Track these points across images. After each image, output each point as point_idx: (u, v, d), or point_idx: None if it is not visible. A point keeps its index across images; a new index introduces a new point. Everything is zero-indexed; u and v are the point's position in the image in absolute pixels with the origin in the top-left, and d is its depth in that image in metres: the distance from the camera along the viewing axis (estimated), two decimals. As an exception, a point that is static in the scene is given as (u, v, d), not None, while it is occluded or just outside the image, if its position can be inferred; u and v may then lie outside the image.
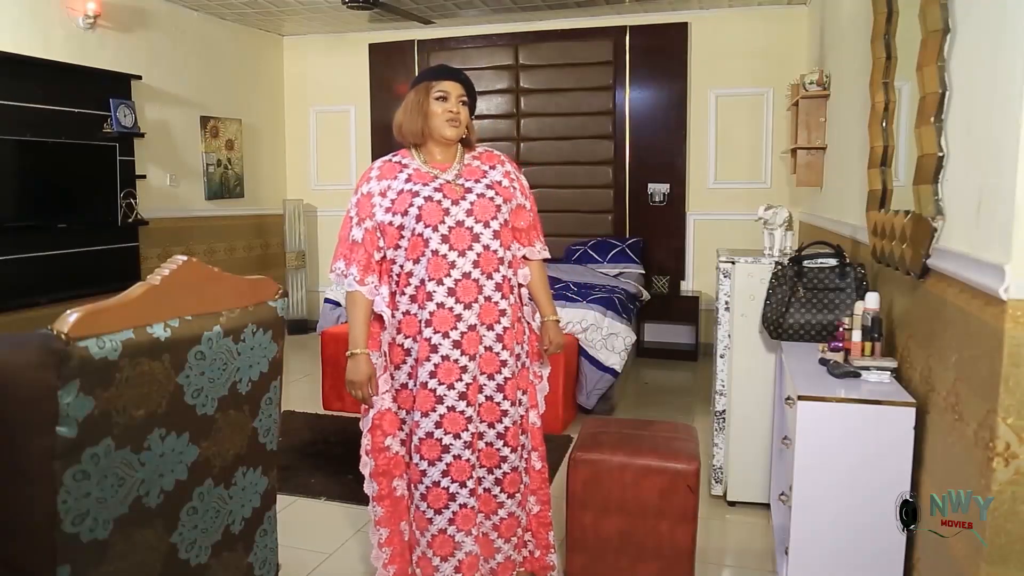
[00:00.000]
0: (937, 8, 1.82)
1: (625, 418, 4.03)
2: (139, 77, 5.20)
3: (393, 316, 2.21)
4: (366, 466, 2.30)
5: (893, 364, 2.18)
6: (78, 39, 4.81)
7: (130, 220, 5.10)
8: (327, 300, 4.80)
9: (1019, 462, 1.46)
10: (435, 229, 2.15)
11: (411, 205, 2.16)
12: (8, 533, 1.22)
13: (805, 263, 2.71)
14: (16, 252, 4.43)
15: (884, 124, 2.42)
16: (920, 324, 2.09)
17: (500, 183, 2.25)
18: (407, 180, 2.21)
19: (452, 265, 2.15)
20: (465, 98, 2.23)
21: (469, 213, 2.17)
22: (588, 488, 2.39)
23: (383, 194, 2.21)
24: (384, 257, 2.22)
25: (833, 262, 2.68)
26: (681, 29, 5.85)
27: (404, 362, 2.21)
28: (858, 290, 2.58)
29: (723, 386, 3.09)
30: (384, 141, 6.63)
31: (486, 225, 2.18)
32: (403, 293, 2.20)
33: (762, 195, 5.31)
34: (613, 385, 4.33)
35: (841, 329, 2.43)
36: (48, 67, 4.55)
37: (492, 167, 2.29)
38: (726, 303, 3.03)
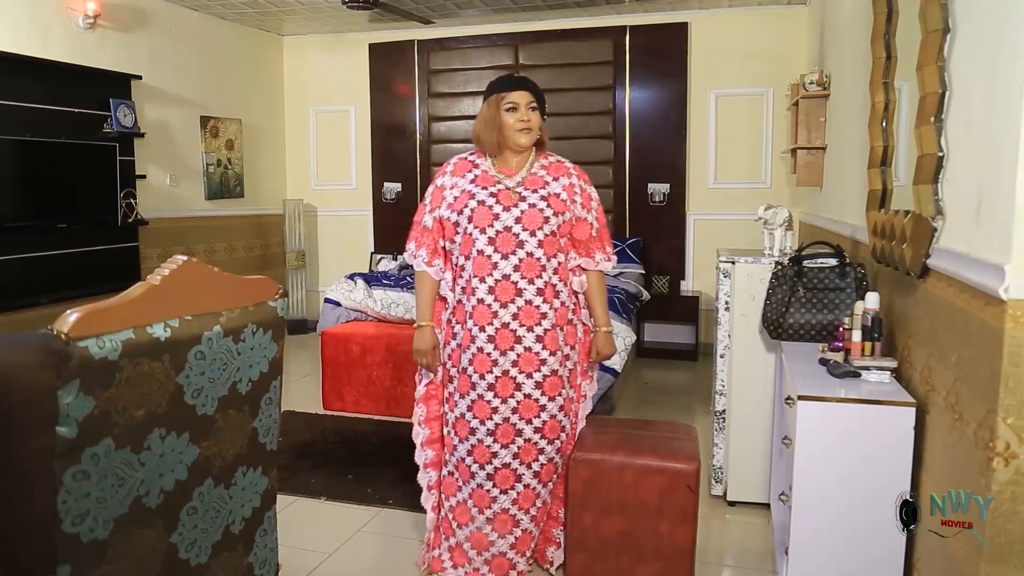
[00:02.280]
0: (937, 8, 1.82)
1: (625, 418, 4.03)
2: (139, 77, 5.20)
3: (456, 299, 2.45)
4: (419, 436, 2.56)
5: (893, 364, 2.18)
6: (78, 39, 4.81)
7: (130, 220, 5.10)
8: (327, 300, 4.79)
9: (1019, 462, 1.46)
10: (483, 231, 2.35)
11: (466, 206, 2.38)
12: (8, 533, 1.22)
13: (805, 263, 2.71)
14: (16, 252, 4.43)
15: (884, 124, 2.42)
16: (920, 324, 2.09)
17: (558, 195, 2.40)
18: (472, 181, 2.41)
19: (494, 266, 2.34)
20: (534, 104, 2.40)
21: (518, 220, 2.34)
22: (588, 488, 2.39)
23: (452, 188, 2.44)
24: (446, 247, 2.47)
25: (833, 262, 2.68)
26: (681, 29, 5.85)
27: (448, 344, 2.47)
28: (858, 290, 2.58)
29: (723, 386, 3.09)
30: (384, 141, 6.64)
31: (532, 234, 2.35)
32: (457, 283, 2.45)
33: (762, 195, 5.30)
34: (613, 385, 4.32)
35: (841, 329, 2.43)
36: (48, 67, 4.55)
37: (556, 178, 2.43)
38: (726, 303, 3.03)
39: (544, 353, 2.36)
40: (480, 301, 2.36)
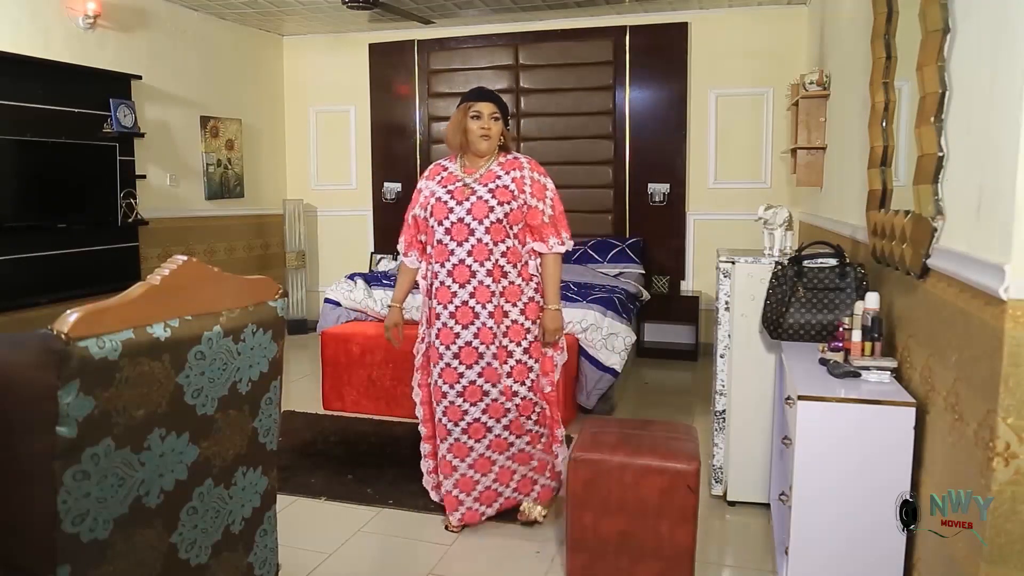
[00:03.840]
0: (937, 8, 1.82)
1: (625, 418, 4.03)
2: (139, 77, 5.20)
3: (428, 283, 2.83)
4: (417, 395, 2.97)
5: (893, 364, 2.18)
6: (78, 39, 4.81)
7: (130, 220, 5.10)
8: (327, 300, 4.79)
9: (1019, 462, 1.46)
10: (440, 223, 2.74)
11: (428, 203, 2.77)
12: (8, 533, 1.22)
13: (805, 263, 2.71)
14: (16, 252, 4.43)
15: (884, 124, 2.42)
16: (920, 324, 2.09)
17: (506, 187, 2.74)
18: (439, 182, 2.81)
19: (451, 252, 2.72)
20: (497, 114, 2.76)
21: (468, 212, 2.71)
22: (588, 488, 2.39)
23: (424, 190, 2.83)
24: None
25: (833, 262, 2.68)
26: (681, 29, 5.85)
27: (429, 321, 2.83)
28: (858, 290, 2.58)
29: (723, 386, 3.09)
30: (384, 141, 6.64)
31: (480, 222, 2.71)
32: (429, 269, 2.82)
33: (762, 195, 5.30)
34: (613, 385, 4.33)
35: (841, 329, 2.43)
36: (48, 67, 4.55)
37: (507, 172, 2.77)
38: (726, 303, 3.03)
39: (496, 328, 2.73)
40: (442, 284, 2.75)
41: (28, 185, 4.44)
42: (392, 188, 6.62)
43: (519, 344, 2.79)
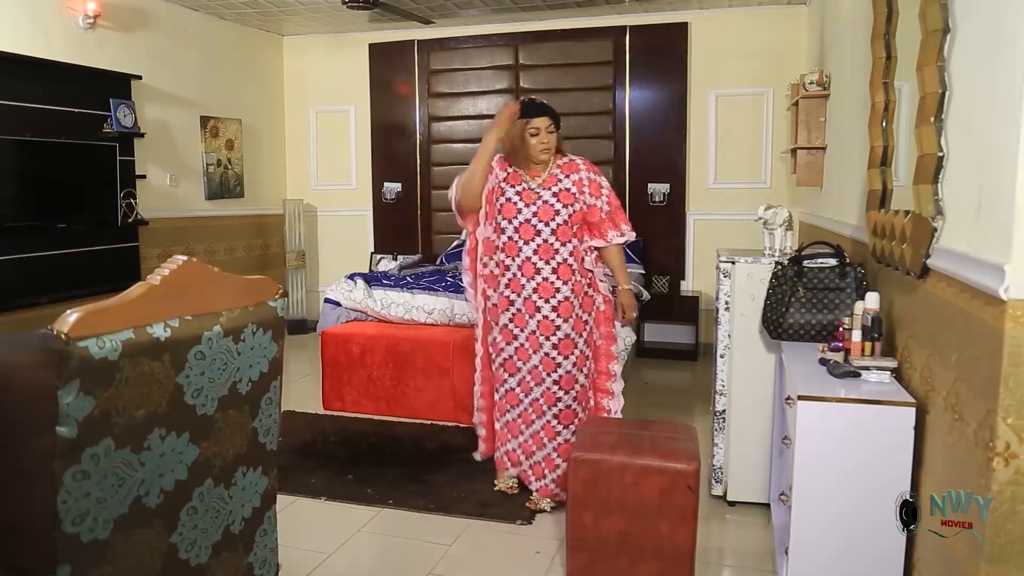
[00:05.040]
0: (937, 8, 1.82)
1: (625, 418, 4.03)
2: (139, 77, 5.20)
3: (500, 271, 3.09)
4: (478, 340, 3.25)
5: (893, 364, 2.18)
6: (78, 39, 4.81)
7: (130, 220, 5.10)
8: (327, 300, 4.79)
9: (1019, 462, 1.46)
10: (510, 222, 3.02)
11: (498, 200, 3.06)
12: (8, 533, 1.22)
13: (805, 263, 2.71)
14: (16, 252, 4.43)
15: (884, 124, 2.42)
16: (920, 324, 2.09)
17: (568, 190, 3.01)
18: (506, 179, 3.07)
19: (519, 250, 3.01)
20: (552, 127, 3.03)
21: (535, 214, 3.00)
22: (588, 488, 2.39)
23: (495, 178, 3.08)
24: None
25: (833, 262, 2.68)
26: (681, 29, 5.85)
27: (496, 288, 3.10)
28: (858, 290, 2.58)
29: (723, 386, 3.09)
30: (384, 141, 6.64)
31: (546, 224, 2.99)
32: (494, 257, 3.09)
33: (762, 195, 5.30)
34: (613, 385, 4.32)
35: (841, 329, 2.43)
36: (48, 67, 4.55)
37: (567, 175, 3.04)
38: (726, 303, 3.03)
39: (559, 320, 2.99)
40: (513, 276, 3.03)
41: (28, 185, 4.43)
42: (392, 188, 6.62)
43: (567, 320, 3.00)
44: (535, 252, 2.98)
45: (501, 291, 3.07)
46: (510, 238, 3.02)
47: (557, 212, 2.98)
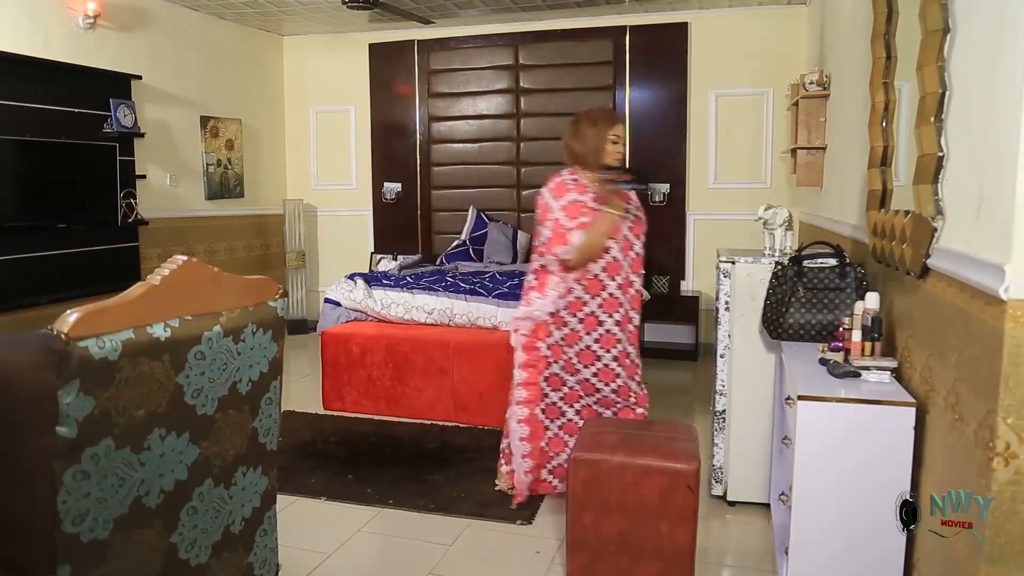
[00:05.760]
0: (937, 8, 1.82)
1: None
2: (139, 77, 5.20)
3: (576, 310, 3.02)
4: (519, 356, 3.07)
5: (893, 364, 2.18)
6: (78, 39, 4.81)
7: (130, 220, 5.10)
8: (327, 300, 4.79)
9: (1019, 462, 1.46)
10: (595, 261, 2.95)
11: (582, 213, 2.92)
12: (8, 533, 1.22)
13: (805, 263, 2.71)
14: (16, 252, 4.43)
15: (884, 124, 2.42)
16: (920, 324, 2.09)
17: (638, 218, 3.07)
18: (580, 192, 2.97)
19: (603, 287, 2.99)
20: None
21: (620, 248, 2.97)
22: (588, 488, 2.39)
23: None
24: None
25: (833, 262, 2.68)
26: (681, 29, 5.85)
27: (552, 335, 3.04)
28: (858, 290, 2.58)
29: (723, 386, 3.09)
30: (384, 141, 6.64)
31: (625, 256, 3.01)
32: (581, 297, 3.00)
33: (762, 195, 5.30)
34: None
35: (841, 329, 2.43)
36: (48, 67, 4.55)
37: (628, 201, 2.99)
38: (726, 303, 3.03)
39: (617, 331, 3.03)
40: (591, 313, 3.00)
41: (28, 185, 4.44)
42: (392, 188, 6.62)
43: (610, 315, 3.01)
44: (619, 287, 2.99)
45: (571, 326, 3.01)
46: (596, 276, 2.96)
47: (631, 244, 3.02)
